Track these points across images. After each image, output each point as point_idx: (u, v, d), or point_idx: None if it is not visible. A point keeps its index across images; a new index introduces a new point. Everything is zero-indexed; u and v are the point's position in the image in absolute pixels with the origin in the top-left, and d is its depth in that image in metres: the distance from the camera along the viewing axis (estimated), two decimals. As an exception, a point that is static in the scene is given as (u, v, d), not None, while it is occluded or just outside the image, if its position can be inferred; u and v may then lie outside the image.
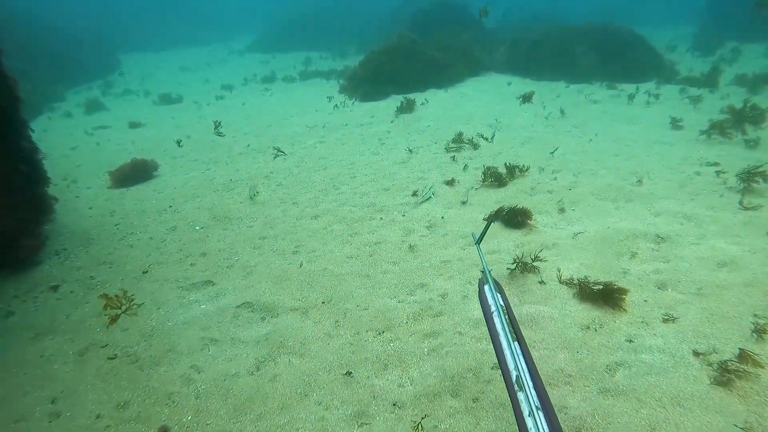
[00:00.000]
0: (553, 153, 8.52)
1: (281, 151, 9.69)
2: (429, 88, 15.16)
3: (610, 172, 7.52)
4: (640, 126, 10.19)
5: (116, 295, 4.71)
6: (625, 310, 3.93)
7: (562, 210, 6.25)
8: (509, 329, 2.21)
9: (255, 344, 4.13)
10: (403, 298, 4.58)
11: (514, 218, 5.84)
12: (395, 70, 15.66)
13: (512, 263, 4.74)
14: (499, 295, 2.48)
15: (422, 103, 13.43)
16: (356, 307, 4.49)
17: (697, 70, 15.47)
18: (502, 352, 2.11)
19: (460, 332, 3.93)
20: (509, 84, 16.05)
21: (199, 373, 3.84)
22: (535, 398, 1.84)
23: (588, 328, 3.74)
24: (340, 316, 4.39)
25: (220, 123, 12.36)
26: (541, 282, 4.47)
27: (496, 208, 6.21)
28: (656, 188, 6.66)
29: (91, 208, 7.89)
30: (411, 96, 14.31)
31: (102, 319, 4.63)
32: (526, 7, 25.69)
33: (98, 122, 14.99)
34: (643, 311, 3.87)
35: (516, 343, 2.13)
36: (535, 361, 2.24)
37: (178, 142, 11.08)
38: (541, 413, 1.78)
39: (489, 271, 2.77)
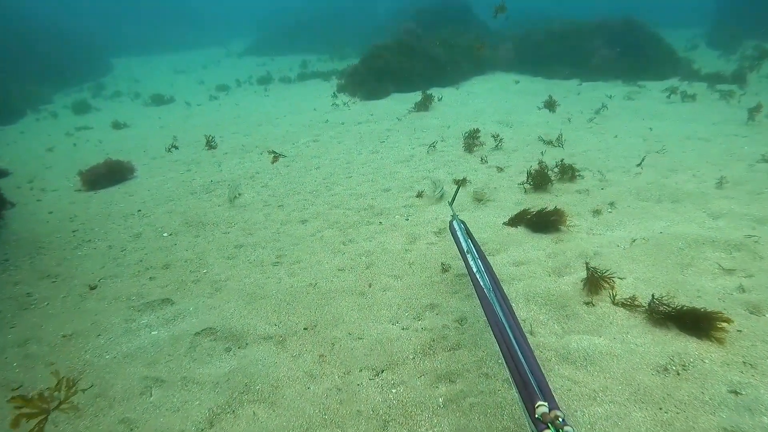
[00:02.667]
0: (568, 148, 7.52)
1: (273, 151, 8.70)
2: (432, 87, 14.18)
3: (644, 169, 6.51)
4: (667, 122, 9.20)
5: (39, 395, 2.78)
6: (717, 342, 2.89)
7: (597, 212, 5.23)
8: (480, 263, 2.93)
9: (212, 387, 3.10)
10: (408, 323, 3.55)
11: (544, 221, 4.81)
12: (397, 67, 14.74)
13: (581, 282, 3.64)
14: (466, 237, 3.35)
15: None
16: (347, 336, 3.47)
17: (714, 67, 14.50)
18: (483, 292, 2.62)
19: (486, 374, 2.90)
20: (517, 82, 15.10)
21: (131, 430, 2.81)
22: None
23: (666, 370, 2.70)
24: (326, 348, 3.36)
25: (207, 123, 11.43)
26: (589, 303, 3.44)
27: (517, 210, 5.20)
28: (705, 186, 5.65)
29: (51, 212, 6.90)
30: (411, 94, 13.38)
31: (17, 351, 3.62)
32: (532, 6, 24.83)
33: (83, 123, 14.06)
34: (742, 346, 2.83)
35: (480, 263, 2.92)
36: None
37: (169, 148, 10.06)
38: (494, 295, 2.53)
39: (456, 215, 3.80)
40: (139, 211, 6.62)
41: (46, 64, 20.64)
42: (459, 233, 3.41)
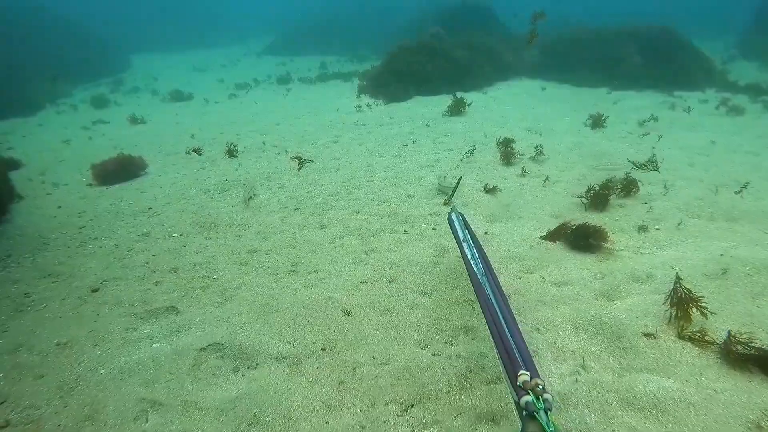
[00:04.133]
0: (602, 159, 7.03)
1: (299, 157, 8.34)
2: (455, 91, 13.75)
3: (690, 183, 6.02)
4: (707, 134, 8.63)
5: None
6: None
7: (643, 229, 4.76)
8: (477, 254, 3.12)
9: (216, 415, 2.72)
10: (440, 348, 3.14)
11: (584, 239, 4.35)
12: (420, 69, 14.34)
13: (664, 303, 3.15)
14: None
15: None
16: (371, 360, 3.06)
17: (751, 78, 13.81)
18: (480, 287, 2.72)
19: (536, 418, 2.47)
20: (543, 89, 14.59)
21: (121, 464, 2.44)
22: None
23: (760, 428, 2.25)
24: (346, 374, 2.96)
25: (224, 121, 11.17)
26: (650, 335, 2.99)
27: (553, 225, 4.75)
28: (764, 204, 5.14)
29: (59, 207, 6.63)
30: (434, 98, 12.98)
31: (6, 359, 3.28)
32: (558, 12, 24.28)
33: (101, 118, 13.91)
34: None
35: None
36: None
37: (187, 149, 9.72)
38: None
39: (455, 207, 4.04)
40: (150, 208, 6.31)
41: (65, 59, 20.66)
42: (457, 224, 3.67)
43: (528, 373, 1.92)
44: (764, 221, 4.70)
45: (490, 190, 5.97)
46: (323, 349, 3.22)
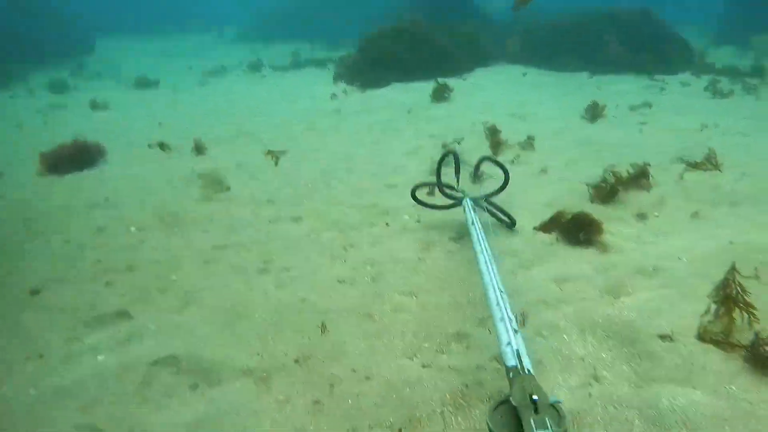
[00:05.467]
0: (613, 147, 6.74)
1: (270, 151, 7.78)
2: (434, 77, 13.32)
3: (686, 167, 5.74)
4: (695, 117, 8.40)
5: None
6: None
7: (641, 216, 4.46)
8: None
9: (168, 446, 2.28)
10: (430, 358, 2.75)
11: (578, 231, 3.99)
12: (398, 56, 13.88)
13: (711, 305, 2.67)
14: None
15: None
16: (351, 374, 2.65)
17: (729, 61, 13.76)
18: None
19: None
20: (525, 74, 14.31)
21: None
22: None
23: (809, 449, 1.93)
24: (323, 392, 2.54)
25: (194, 109, 10.53)
26: (666, 337, 2.65)
27: (546, 215, 4.40)
28: (764, 186, 4.89)
29: (1, 198, 5.99)
30: (413, 84, 12.56)
31: None
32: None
33: (59, 102, 13.01)
34: None
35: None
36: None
37: (160, 145, 9.04)
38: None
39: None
40: (107, 200, 5.73)
41: (22, 41, 19.35)
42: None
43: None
44: (766, 204, 4.45)
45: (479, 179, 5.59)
46: (296, 361, 2.79)
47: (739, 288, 2.51)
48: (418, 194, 4.46)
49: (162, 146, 6.48)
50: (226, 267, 4.04)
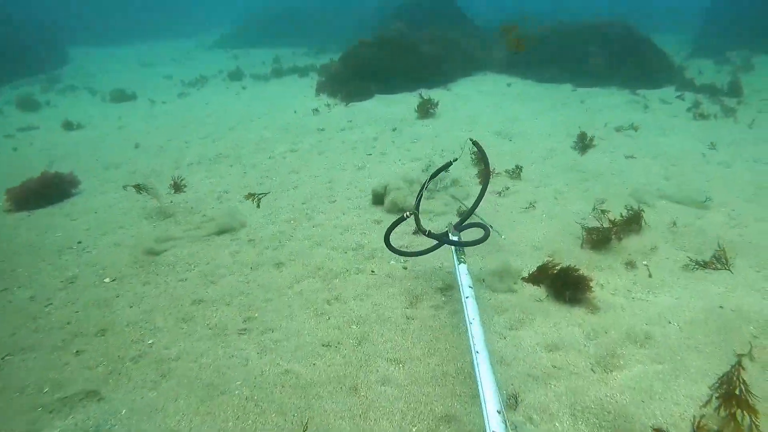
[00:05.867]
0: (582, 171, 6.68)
1: (252, 194, 7.56)
2: (419, 88, 13.19)
3: (671, 204, 5.71)
4: (680, 142, 8.39)
5: None
6: None
7: (630, 264, 4.38)
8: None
9: None
10: (420, 448, 2.62)
11: (566, 288, 3.82)
12: (381, 66, 13.70)
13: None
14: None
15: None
16: (337, 471, 2.51)
17: (708, 76, 13.91)
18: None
19: None
20: (509, 85, 14.25)
21: None
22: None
23: None
24: (306, 494, 2.40)
25: (172, 125, 10.21)
26: None
27: (535, 260, 4.31)
28: (748, 233, 4.85)
29: (-36, 242, 5.69)
30: (397, 96, 12.44)
31: None
32: (527, 7, 24.01)
33: (29, 123, 12.47)
34: None
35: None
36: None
37: (135, 187, 8.74)
38: None
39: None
40: (79, 243, 5.49)
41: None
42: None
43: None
44: (755, 258, 4.40)
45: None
46: (278, 453, 2.64)
47: (743, 387, 2.42)
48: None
49: (138, 188, 6.23)
50: (204, 327, 3.85)
